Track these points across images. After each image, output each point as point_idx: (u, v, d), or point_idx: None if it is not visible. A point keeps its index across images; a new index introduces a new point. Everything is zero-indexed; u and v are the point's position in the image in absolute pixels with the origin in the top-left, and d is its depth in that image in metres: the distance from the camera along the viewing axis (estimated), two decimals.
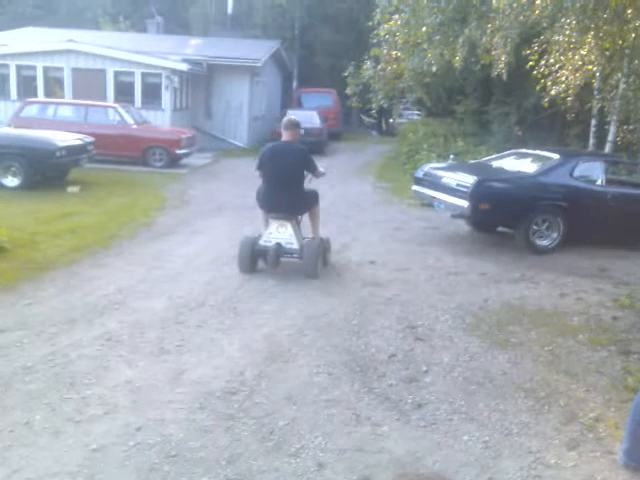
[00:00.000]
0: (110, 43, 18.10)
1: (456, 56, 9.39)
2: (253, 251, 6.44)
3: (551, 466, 3.26)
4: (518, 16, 8.40)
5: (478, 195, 7.73)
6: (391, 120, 27.55)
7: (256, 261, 6.56)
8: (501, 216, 8.21)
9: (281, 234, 6.44)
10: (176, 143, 14.45)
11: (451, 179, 8.31)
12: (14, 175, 10.50)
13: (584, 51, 9.70)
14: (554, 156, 8.62)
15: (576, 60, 10.07)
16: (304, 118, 14.06)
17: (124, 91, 17.07)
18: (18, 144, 10.61)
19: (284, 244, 6.41)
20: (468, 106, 19.24)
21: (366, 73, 10.73)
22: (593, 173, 8.46)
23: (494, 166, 9.25)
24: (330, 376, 4.18)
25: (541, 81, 10.75)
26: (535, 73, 10.78)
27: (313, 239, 6.66)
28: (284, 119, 6.73)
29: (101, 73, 17.07)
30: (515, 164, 8.99)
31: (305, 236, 6.72)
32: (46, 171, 10.87)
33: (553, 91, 10.65)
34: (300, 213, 6.73)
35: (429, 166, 9.46)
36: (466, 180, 7.93)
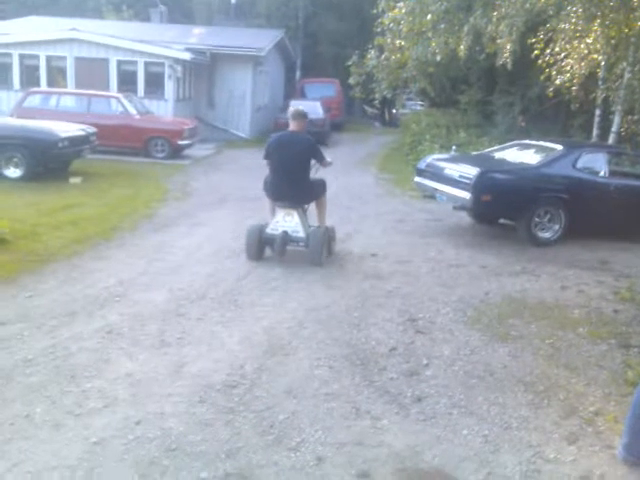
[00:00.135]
0: (113, 32, 18.09)
1: (461, 45, 9.35)
2: (260, 239, 6.56)
3: (550, 460, 3.25)
4: (524, 4, 8.35)
5: (480, 187, 7.70)
6: (394, 111, 27.47)
7: (263, 249, 6.68)
8: (503, 208, 8.18)
9: (288, 223, 6.54)
10: (178, 134, 14.42)
11: (453, 171, 8.27)
12: (16, 166, 10.46)
13: (590, 39, 9.65)
14: (557, 147, 8.57)
15: (582, 49, 10.02)
16: (307, 108, 13.83)
17: (127, 80, 17.06)
18: (20, 135, 10.57)
19: (290, 232, 6.51)
20: (472, 96, 19.16)
21: (370, 62, 10.70)
22: (596, 164, 8.42)
23: (497, 157, 9.20)
24: (330, 369, 4.18)
25: (546, 70, 10.71)
26: (540, 62, 10.74)
27: (319, 227, 6.74)
28: (291, 109, 6.79)
29: (104, 62, 17.06)
30: (518, 155, 8.95)
31: (311, 225, 6.79)
32: (48, 162, 10.85)
33: (558, 80, 10.61)
34: (306, 202, 6.80)
35: (431, 157, 9.42)
36: (468, 172, 7.90)
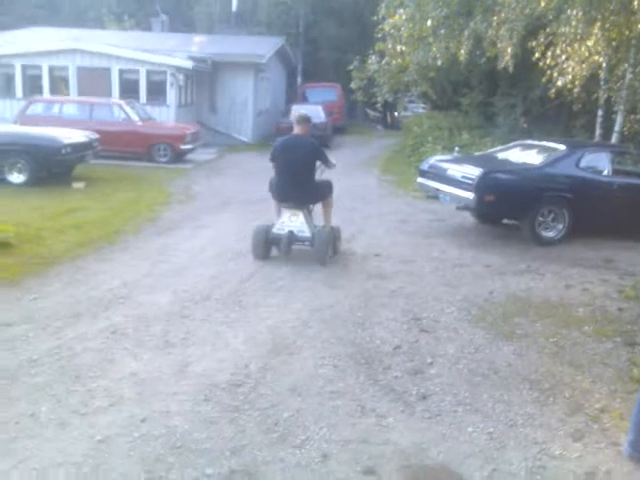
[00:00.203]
0: (115, 42, 18.19)
1: (461, 49, 9.37)
2: (267, 239, 6.71)
3: (556, 457, 3.24)
4: (524, 9, 8.38)
5: (483, 187, 7.70)
6: (396, 114, 27.48)
7: (269, 249, 6.82)
8: (506, 208, 8.17)
9: (293, 223, 6.69)
10: (180, 139, 14.48)
11: (456, 171, 8.27)
12: (20, 172, 10.54)
13: (590, 42, 9.65)
14: (560, 147, 8.57)
15: (582, 51, 10.02)
16: (309, 113, 13.83)
17: (129, 89, 17.10)
18: (24, 141, 10.64)
19: (296, 232, 6.66)
20: (473, 98, 19.17)
21: (371, 67, 10.74)
22: (599, 164, 8.42)
23: (499, 158, 9.20)
24: (335, 368, 4.18)
25: (547, 72, 10.71)
26: (541, 65, 10.74)
27: (324, 227, 6.85)
28: (295, 114, 7.00)
29: (106, 72, 17.11)
30: (521, 155, 8.95)
31: (317, 225, 6.90)
32: (51, 167, 10.90)
33: (559, 82, 10.61)
34: (311, 203, 6.94)
35: (434, 158, 9.42)
36: (471, 172, 7.90)
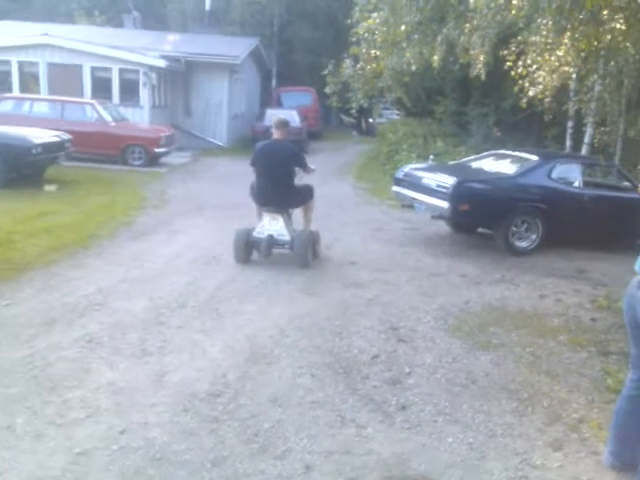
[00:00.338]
0: (86, 37, 17.88)
1: (435, 55, 9.44)
2: (247, 242, 6.77)
3: (537, 467, 3.28)
4: (495, 16, 8.46)
5: (458, 196, 7.77)
6: (371, 120, 27.60)
7: (250, 252, 6.90)
8: (481, 217, 8.27)
9: (273, 226, 6.81)
10: (155, 141, 14.31)
11: (431, 180, 8.33)
12: None
13: (561, 52, 9.81)
14: (532, 157, 8.71)
15: (553, 61, 10.19)
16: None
17: (101, 87, 16.87)
18: None
19: (276, 236, 6.78)
20: (447, 106, 19.37)
21: (345, 72, 10.74)
22: (571, 175, 8.57)
23: (473, 167, 9.30)
24: (313, 377, 4.17)
25: (519, 82, 10.87)
26: (513, 74, 10.90)
27: (303, 231, 6.95)
28: (275, 119, 7.11)
29: (77, 68, 16.84)
30: (494, 165, 9.06)
31: (296, 229, 6.99)
32: (22, 169, 10.63)
33: (531, 92, 10.78)
34: (292, 207, 7.07)
35: (409, 167, 9.47)
36: (446, 181, 7.96)
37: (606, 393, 4.16)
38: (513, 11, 8.52)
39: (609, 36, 8.39)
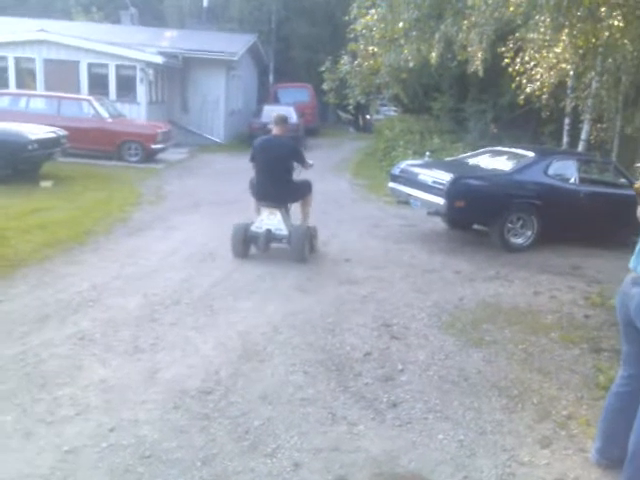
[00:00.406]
0: (83, 34, 17.83)
1: (432, 52, 9.42)
2: (245, 237, 6.82)
3: (525, 464, 3.29)
4: (493, 12, 8.44)
5: (454, 192, 7.76)
6: (368, 116, 27.56)
7: (248, 247, 6.94)
8: (476, 214, 8.27)
9: (271, 221, 6.86)
10: (152, 138, 14.30)
11: (427, 176, 8.33)
12: None
13: (558, 49, 9.80)
14: (529, 154, 8.70)
15: (550, 58, 10.18)
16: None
17: (98, 83, 16.85)
18: None
19: (274, 230, 6.84)
20: (444, 103, 19.35)
21: (343, 68, 10.71)
22: (567, 172, 8.57)
23: (470, 164, 9.29)
24: (305, 375, 4.17)
25: (516, 79, 10.86)
26: (510, 71, 10.88)
27: (300, 226, 6.99)
28: (274, 115, 7.23)
29: (74, 65, 16.82)
30: (491, 162, 9.06)
31: (294, 224, 7.04)
32: (17, 164, 10.63)
33: (528, 89, 10.76)
34: (290, 202, 7.12)
35: (405, 163, 9.47)
36: (442, 177, 7.96)
37: (595, 390, 4.16)
38: (511, 8, 8.51)
39: (607, 33, 8.39)
